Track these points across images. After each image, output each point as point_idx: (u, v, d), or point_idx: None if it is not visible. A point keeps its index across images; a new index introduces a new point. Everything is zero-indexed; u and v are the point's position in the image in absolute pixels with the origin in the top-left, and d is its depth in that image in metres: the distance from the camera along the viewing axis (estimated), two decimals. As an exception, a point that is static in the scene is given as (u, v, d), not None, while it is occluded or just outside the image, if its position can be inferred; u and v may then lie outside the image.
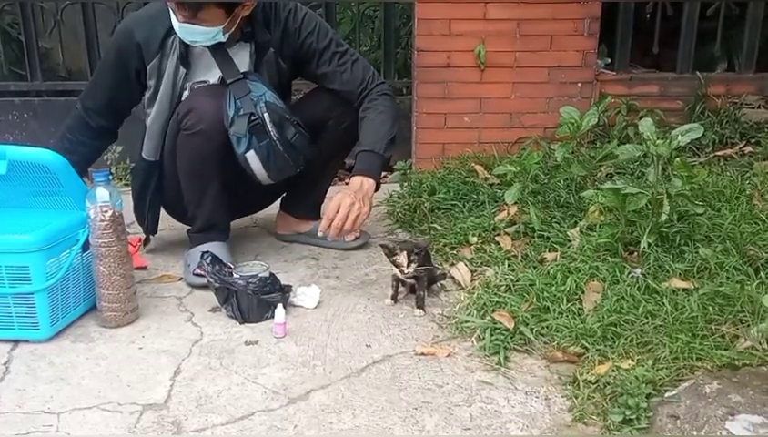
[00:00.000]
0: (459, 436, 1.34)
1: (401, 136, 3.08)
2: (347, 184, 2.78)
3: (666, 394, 1.38)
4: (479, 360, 1.61)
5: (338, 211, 1.96)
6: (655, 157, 1.89)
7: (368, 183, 2.04)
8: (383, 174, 3.20)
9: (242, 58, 2.03)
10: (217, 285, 1.82)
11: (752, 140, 2.92)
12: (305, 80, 2.31)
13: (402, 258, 1.80)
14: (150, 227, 2.21)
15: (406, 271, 1.81)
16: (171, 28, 1.95)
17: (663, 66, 3.30)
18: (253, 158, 1.98)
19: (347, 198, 1.97)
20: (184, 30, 1.91)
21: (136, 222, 2.34)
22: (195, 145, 1.95)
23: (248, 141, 1.96)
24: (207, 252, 1.89)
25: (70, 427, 1.37)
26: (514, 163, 2.33)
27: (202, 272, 1.88)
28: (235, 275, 1.82)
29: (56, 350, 1.67)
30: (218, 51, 2.00)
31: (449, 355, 1.63)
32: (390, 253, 1.84)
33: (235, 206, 2.22)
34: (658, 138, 1.89)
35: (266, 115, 1.96)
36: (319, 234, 2.04)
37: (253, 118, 1.95)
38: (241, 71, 2.01)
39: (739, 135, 2.94)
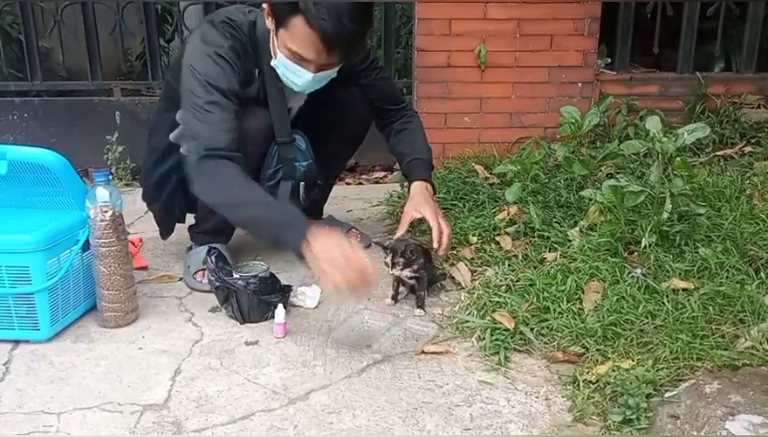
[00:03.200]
0: (460, 436, 1.35)
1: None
2: (348, 184, 2.75)
3: (666, 394, 1.38)
4: (479, 360, 1.61)
5: (443, 228, 1.98)
6: (660, 155, 1.89)
7: (430, 189, 2.11)
8: (383, 174, 3.23)
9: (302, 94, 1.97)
10: (217, 284, 1.82)
11: (753, 140, 2.92)
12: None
13: (387, 260, 1.83)
14: (171, 226, 2.17)
15: (391, 272, 1.84)
16: (257, 62, 1.86)
17: (663, 65, 3.30)
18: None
19: (436, 213, 2.01)
20: (316, 79, 1.79)
21: (136, 222, 2.34)
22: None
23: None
24: (215, 248, 1.89)
25: (70, 427, 1.37)
26: (515, 162, 2.33)
27: (204, 274, 1.87)
28: (235, 275, 1.82)
29: (56, 350, 1.67)
30: (278, 101, 1.93)
31: (449, 355, 1.63)
32: (385, 249, 1.87)
33: None
34: (663, 136, 1.90)
35: (302, 184, 2.03)
36: (440, 254, 2.01)
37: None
38: (292, 108, 2.00)
39: (739, 135, 2.95)
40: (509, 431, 1.36)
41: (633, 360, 1.50)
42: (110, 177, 1.74)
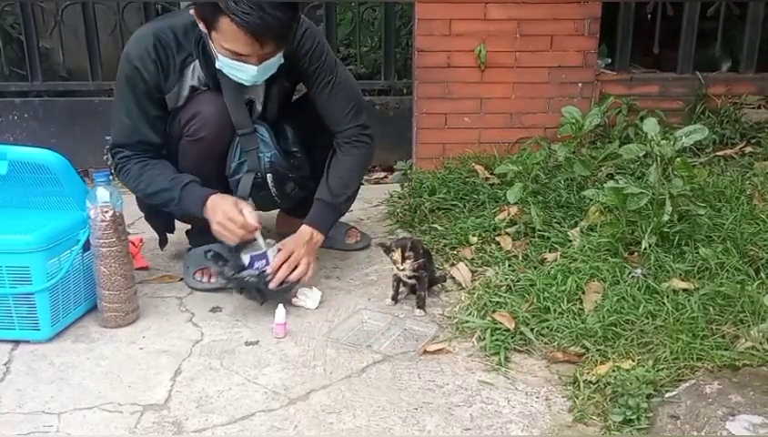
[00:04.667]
0: (460, 436, 1.34)
1: (402, 136, 3.10)
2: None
3: (666, 394, 1.38)
4: (479, 360, 1.62)
5: (287, 259, 1.86)
6: (658, 158, 1.89)
7: (317, 238, 1.94)
8: (383, 174, 3.23)
9: (259, 86, 1.95)
10: (230, 285, 1.81)
11: (753, 140, 2.92)
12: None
13: (397, 254, 1.82)
14: (170, 226, 2.17)
15: (401, 267, 1.82)
16: (191, 54, 1.86)
17: (664, 66, 3.30)
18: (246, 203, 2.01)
19: (300, 249, 1.88)
20: (262, 70, 1.78)
21: (136, 223, 2.34)
22: (197, 151, 1.92)
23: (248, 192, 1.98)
24: (210, 250, 1.87)
25: (70, 427, 1.37)
26: (516, 162, 2.33)
27: (203, 273, 1.86)
28: (243, 257, 1.82)
29: (57, 350, 1.67)
30: (233, 93, 1.89)
31: (449, 355, 1.63)
32: (387, 250, 1.86)
33: None
34: (662, 139, 1.90)
35: (269, 175, 1.96)
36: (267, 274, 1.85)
37: (256, 178, 1.96)
38: (251, 97, 1.96)
39: (739, 135, 2.94)
40: (509, 431, 1.36)
41: (634, 361, 1.50)
42: (110, 177, 1.74)
